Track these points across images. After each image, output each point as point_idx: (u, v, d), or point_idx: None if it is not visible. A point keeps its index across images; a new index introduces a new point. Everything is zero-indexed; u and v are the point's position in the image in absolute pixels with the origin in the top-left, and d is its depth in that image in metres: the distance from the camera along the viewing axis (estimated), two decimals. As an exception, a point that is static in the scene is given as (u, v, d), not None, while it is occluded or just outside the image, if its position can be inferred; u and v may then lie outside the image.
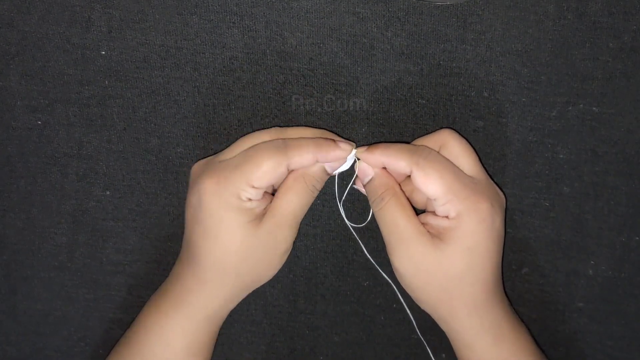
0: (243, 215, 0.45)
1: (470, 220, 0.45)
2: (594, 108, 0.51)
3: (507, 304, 0.49)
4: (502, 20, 0.50)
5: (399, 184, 0.48)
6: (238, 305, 0.55)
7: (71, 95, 0.52)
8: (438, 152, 0.47)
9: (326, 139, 0.47)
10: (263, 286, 0.54)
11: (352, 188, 0.50)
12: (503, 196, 0.48)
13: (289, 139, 0.47)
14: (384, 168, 0.48)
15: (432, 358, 0.53)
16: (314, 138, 0.48)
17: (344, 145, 0.47)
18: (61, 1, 0.51)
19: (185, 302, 0.47)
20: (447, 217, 0.45)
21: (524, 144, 0.52)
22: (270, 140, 0.47)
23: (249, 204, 0.45)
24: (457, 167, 0.47)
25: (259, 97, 0.52)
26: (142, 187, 0.54)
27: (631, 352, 0.55)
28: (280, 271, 0.54)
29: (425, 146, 0.47)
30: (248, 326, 0.56)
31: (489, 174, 0.48)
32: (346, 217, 0.51)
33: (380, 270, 0.51)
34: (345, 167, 0.49)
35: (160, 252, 0.55)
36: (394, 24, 0.50)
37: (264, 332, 0.56)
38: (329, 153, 0.46)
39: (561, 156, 0.52)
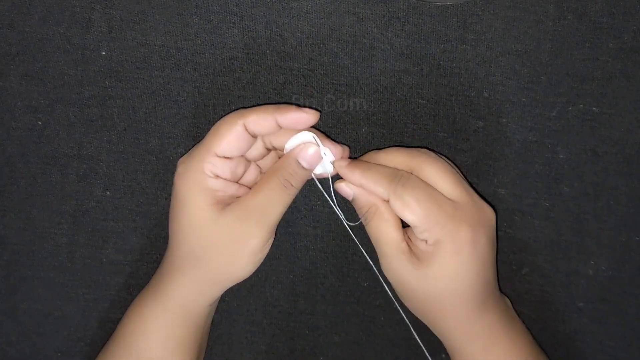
0: (206, 197, 0.45)
1: (449, 249, 0.44)
2: (594, 108, 0.51)
3: (502, 307, 0.49)
4: (502, 20, 0.50)
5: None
6: (238, 305, 0.55)
7: (71, 96, 0.52)
8: (417, 177, 0.46)
9: (288, 103, 0.47)
10: (263, 286, 0.54)
11: None
12: (491, 212, 0.47)
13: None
14: None
15: (432, 358, 0.53)
16: (275, 103, 0.47)
17: (308, 110, 0.45)
18: (61, 2, 0.51)
19: (162, 291, 0.47)
20: (424, 241, 0.45)
21: (524, 144, 0.52)
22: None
23: (213, 183, 0.45)
24: (438, 192, 0.45)
25: (259, 97, 0.52)
26: (143, 187, 0.54)
27: (631, 352, 0.55)
28: (281, 271, 0.54)
29: (405, 172, 0.46)
30: (248, 326, 0.56)
31: (474, 189, 0.48)
32: (344, 217, 0.51)
33: (377, 272, 0.52)
34: (330, 169, 0.48)
35: (160, 253, 0.55)
36: (394, 24, 0.50)
37: (264, 332, 0.56)
38: (287, 113, 0.45)
39: (561, 156, 0.52)
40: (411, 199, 0.44)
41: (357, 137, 0.52)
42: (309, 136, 0.46)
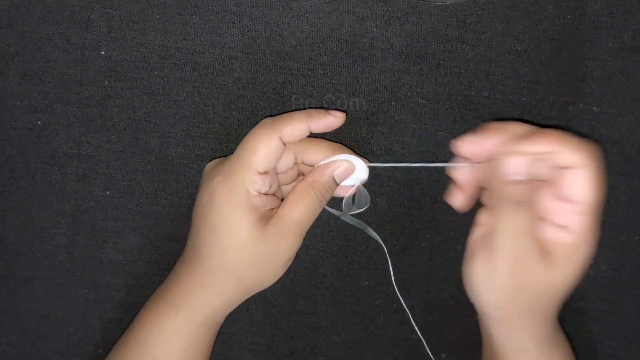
0: (250, 216, 0.45)
1: (588, 241, 0.42)
2: (594, 108, 0.51)
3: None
4: (502, 20, 0.50)
5: None
6: (238, 305, 0.55)
7: (71, 96, 0.52)
8: None
9: (317, 108, 0.47)
10: (263, 286, 0.54)
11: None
12: None
13: (278, 115, 0.47)
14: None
15: (432, 358, 0.53)
16: (305, 109, 0.47)
17: (336, 113, 0.46)
18: (61, 1, 0.51)
19: (186, 303, 0.47)
20: (569, 228, 0.42)
21: (524, 144, 0.52)
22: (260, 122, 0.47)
23: (257, 200, 0.45)
24: None
25: (258, 97, 0.52)
26: (142, 187, 0.54)
27: (631, 352, 0.55)
28: (280, 271, 0.54)
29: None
30: (248, 326, 0.56)
31: None
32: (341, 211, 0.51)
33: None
34: (353, 181, 0.48)
35: (160, 252, 0.55)
36: (394, 24, 0.50)
37: (264, 332, 0.56)
38: (320, 120, 0.46)
39: (561, 156, 0.52)
40: (599, 175, 0.41)
41: (356, 136, 0.52)
42: (348, 159, 0.47)
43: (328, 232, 0.54)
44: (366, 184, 0.48)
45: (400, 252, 0.54)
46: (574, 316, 0.54)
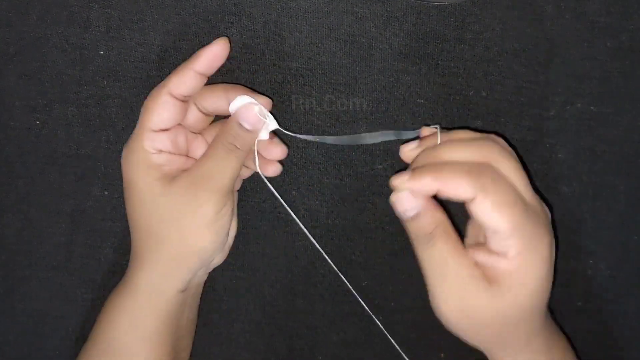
0: (151, 172, 0.45)
1: (532, 261, 0.40)
2: (592, 107, 0.51)
3: (552, 321, 0.47)
4: (500, 20, 0.50)
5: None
6: (236, 304, 0.54)
7: (69, 95, 0.52)
8: (501, 174, 0.40)
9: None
10: (261, 286, 0.54)
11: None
12: (548, 210, 0.43)
13: None
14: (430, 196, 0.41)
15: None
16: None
17: (213, 42, 0.45)
18: (59, 1, 0.51)
19: (129, 280, 0.47)
20: (504, 254, 0.40)
21: (522, 144, 0.52)
22: None
23: (157, 158, 0.45)
24: (520, 194, 0.40)
25: (257, 96, 0.52)
26: (141, 187, 0.54)
27: (630, 352, 0.55)
28: (279, 271, 0.54)
29: (489, 165, 0.40)
30: (246, 326, 0.56)
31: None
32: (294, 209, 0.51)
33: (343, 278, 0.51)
34: (264, 135, 0.47)
35: (158, 252, 0.55)
36: (393, 24, 0.50)
37: (263, 331, 0.56)
38: (200, 56, 0.45)
39: (559, 156, 0.52)
40: (503, 199, 0.38)
41: (355, 136, 0.52)
42: (248, 99, 0.46)
43: (327, 232, 0.54)
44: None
45: (399, 251, 0.54)
46: (573, 315, 0.54)
